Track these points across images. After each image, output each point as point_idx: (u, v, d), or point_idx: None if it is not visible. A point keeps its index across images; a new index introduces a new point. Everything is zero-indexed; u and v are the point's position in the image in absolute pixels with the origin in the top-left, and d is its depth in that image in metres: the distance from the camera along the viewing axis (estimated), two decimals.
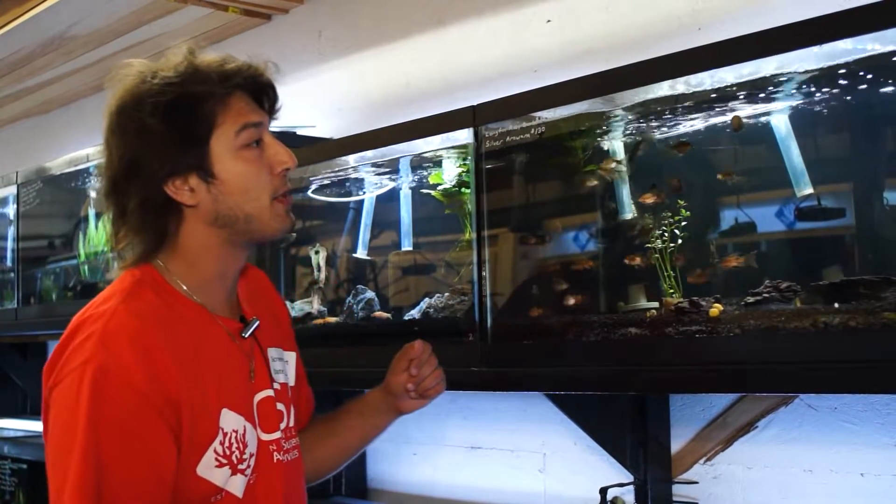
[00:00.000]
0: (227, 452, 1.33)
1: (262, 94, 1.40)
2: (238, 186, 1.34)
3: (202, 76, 1.32)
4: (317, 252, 2.55)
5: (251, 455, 1.37)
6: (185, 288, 1.38)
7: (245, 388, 1.40)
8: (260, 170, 1.36)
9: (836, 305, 1.52)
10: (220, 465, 1.32)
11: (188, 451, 1.30)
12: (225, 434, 1.33)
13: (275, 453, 1.41)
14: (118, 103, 1.34)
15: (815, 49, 1.52)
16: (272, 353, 1.49)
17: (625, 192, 1.93)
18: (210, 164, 1.33)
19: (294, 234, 2.63)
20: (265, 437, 1.41)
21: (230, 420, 1.34)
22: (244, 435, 1.36)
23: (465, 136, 2.06)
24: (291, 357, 1.57)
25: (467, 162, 2.08)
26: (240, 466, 1.35)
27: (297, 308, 2.53)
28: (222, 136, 1.33)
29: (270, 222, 1.38)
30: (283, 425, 1.46)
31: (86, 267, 3.23)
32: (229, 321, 1.42)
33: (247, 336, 1.42)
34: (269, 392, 1.44)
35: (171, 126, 1.30)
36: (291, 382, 1.54)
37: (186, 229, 1.37)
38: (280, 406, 1.46)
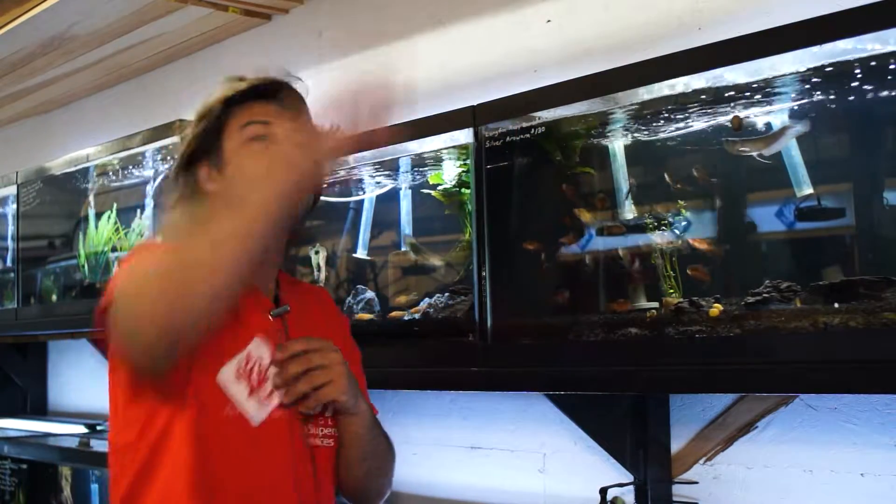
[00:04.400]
0: (248, 371, 1.45)
1: (283, 97, 1.59)
2: (238, 171, 1.52)
3: (230, 89, 1.57)
4: (317, 252, 2.55)
5: (272, 392, 1.47)
6: None
7: (275, 343, 1.50)
8: (259, 158, 1.49)
9: (836, 305, 1.52)
10: (239, 379, 1.44)
11: (215, 355, 1.42)
12: (250, 357, 1.46)
13: (298, 422, 1.50)
14: None
15: (815, 49, 1.52)
16: None
17: (624, 192, 1.93)
18: (221, 153, 1.54)
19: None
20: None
21: (260, 348, 1.47)
22: (267, 370, 1.47)
23: (465, 136, 2.06)
24: None
25: (467, 162, 2.08)
26: (259, 391, 1.46)
27: None
28: (232, 132, 1.55)
29: None
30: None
31: (86, 267, 3.23)
32: (262, 297, 1.55)
33: (274, 315, 1.53)
34: None
35: (198, 124, 1.57)
36: None
37: None
38: None
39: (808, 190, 1.69)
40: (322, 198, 2.58)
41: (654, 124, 1.88)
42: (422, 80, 2.64)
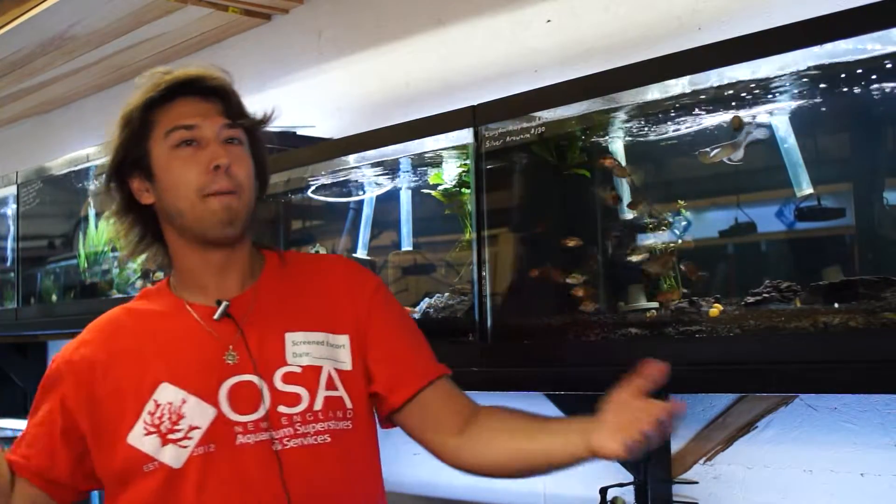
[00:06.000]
0: (157, 422, 1.43)
1: (215, 97, 1.50)
2: (169, 182, 1.47)
3: (146, 88, 1.49)
4: (317, 252, 2.55)
5: (191, 427, 1.43)
6: (175, 286, 1.56)
7: (209, 368, 1.47)
8: (187, 167, 1.45)
9: (836, 305, 1.52)
10: (148, 433, 1.43)
11: (120, 424, 1.44)
12: (158, 405, 1.44)
13: (238, 435, 1.43)
14: None
15: (815, 49, 1.52)
16: (297, 336, 1.51)
17: (625, 192, 1.93)
18: (150, 164, 1.48)
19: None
20: (234, 416, 1.44)
21: (167, 393, 1.45)
22: (180, 407, 1.44)
23: (465, 136, 2.06)
24: (342, 339, 1.55)
25: (467, 162, 2.08)
26: (171, 436, 1.42)
27: None
28: (157, 138, 1.47)
29: (202, 218, 1.46)
30: (296, 408, 1.47)
31: (86, 267, 3.23)
32: (201, 308, 1.52)
33: (217, 318, 1.49)
34: (249, 377, 1.47)
35: (123, 132, 1.49)
36: (346, 367, 1.53)
37: (164, 230, 1.54)
38: (291, 388, 1.48)
39: (808, 190, 1.69)
40: (322, 198, 2.59)
41: (655, 124, 1.88)
42: (422, 80, 2.64)
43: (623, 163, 1.94)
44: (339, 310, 1.57)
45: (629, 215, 1.92)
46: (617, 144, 1.95)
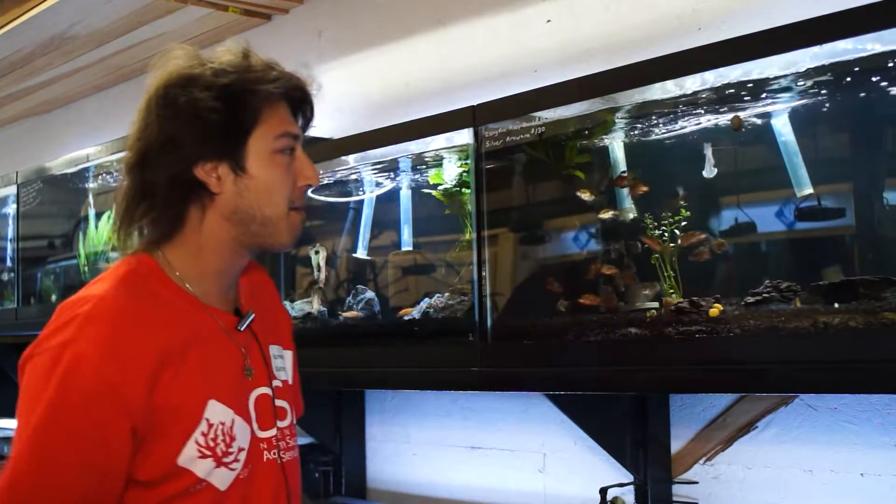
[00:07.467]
0: (212, 444, 1.31)
1: (303, 108, 1.44)
2: (264, 187, 1.36)
3: (256, 72, 1.36)
4: (317, 252, 2.55)
5: (240, 450, 1.35)
6: (181, 278, 1.38)
7: (238, 381, 1.38)
8: (286, 177, 1.38)
9: (836, 305, 1.52)
10: (204, 457, 1.30)
11: (168, 441, 1.29)
12: (210, 425, 1.31)
13: (265, 452, 1.39)
14: (166, 79, 1.36)
15: (815, 49, 1.52)
16: (273, 350, 1.48)
17: (624, 192, 1.93)
18: (244, 158, 1.35)
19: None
20: (261, 434, 1.39)
21: (217, 412, 1.33)
22: (231, 428, 1.34)
23: (465, 136, 2.06)
24: (289, 355, 1.54)
25: (467, 162, 2.08)
26: (225, 460, 1.33)
27: (297, 308, 2.53)
28: (262, 135, 1.36)
29: (283, 231, 1.39)
30: (285, 422, 1.45)
31: (86, 268, 3.23)
32: (224, 314, 1.41)
33: (242, 329, 1.41)
34: (266, 389, 1.42)
35: (222, 109, 1.32)
36: (291, 381, 1.52)
37: (205, 218, 1.37)
38: (281, 403, 1.45)
39: (808, 190, 1.69)
40: (322, 198, 2.60)
41: (655, 125, 1.88)
42: (422, 80, 2.64)
43: (624, 164, 1.94)
44: (282, 325, 1.56)
45: (631, 215, 1.92)
46: (617, 144, 1.95)
